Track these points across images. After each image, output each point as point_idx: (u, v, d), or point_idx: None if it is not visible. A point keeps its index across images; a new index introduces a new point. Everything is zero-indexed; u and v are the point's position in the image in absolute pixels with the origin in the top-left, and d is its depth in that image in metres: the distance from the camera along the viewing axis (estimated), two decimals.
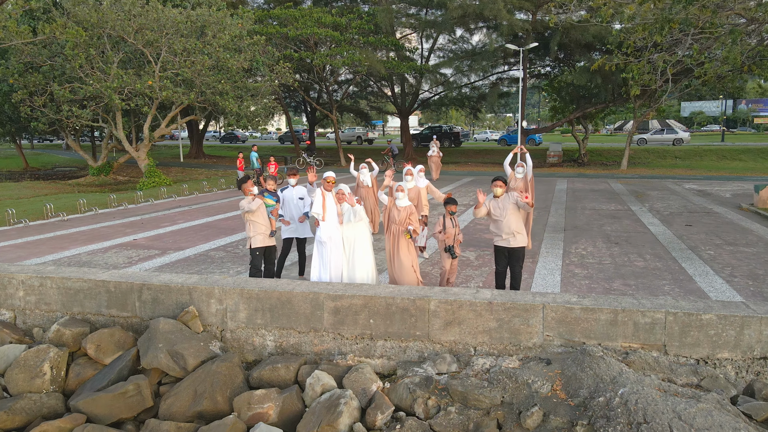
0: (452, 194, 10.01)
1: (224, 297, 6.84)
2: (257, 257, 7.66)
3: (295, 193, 8.41)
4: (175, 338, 6.53)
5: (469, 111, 42.27)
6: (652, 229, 12.35)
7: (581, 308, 5.94)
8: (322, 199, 7.38)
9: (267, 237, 7.66)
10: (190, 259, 10.10)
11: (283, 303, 6.68)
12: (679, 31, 13.63)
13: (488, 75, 35.02)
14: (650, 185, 21.37)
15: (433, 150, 23.85)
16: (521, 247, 7.33)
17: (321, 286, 6.77)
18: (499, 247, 7.45)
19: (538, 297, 6.24)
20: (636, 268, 9.06)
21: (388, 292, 6.50)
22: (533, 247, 10.74)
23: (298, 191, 8.48)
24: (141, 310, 7.15)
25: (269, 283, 6.93)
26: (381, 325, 6.46)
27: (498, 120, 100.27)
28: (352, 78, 36.34)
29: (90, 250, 10.89)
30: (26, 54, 20.45)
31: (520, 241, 7.32)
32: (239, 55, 21.12)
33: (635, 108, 27.00)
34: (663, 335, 5.80)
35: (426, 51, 36.60)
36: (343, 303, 6.52)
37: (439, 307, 6.28)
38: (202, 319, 6.96)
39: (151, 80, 19.38)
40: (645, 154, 33.98)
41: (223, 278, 7.18)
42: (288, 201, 8.31)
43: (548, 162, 31.47)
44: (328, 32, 28.15)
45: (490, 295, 6.35)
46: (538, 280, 8.51)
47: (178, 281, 7.09)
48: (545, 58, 31.99)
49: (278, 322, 6.74)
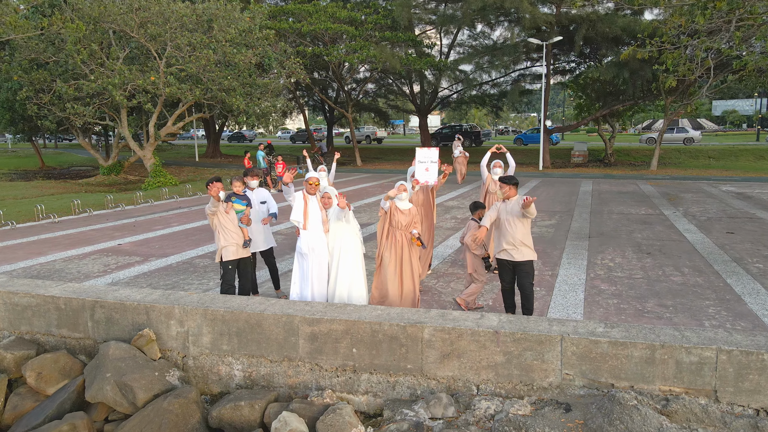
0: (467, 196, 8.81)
1: (185, 318, 5.86)
2: (230, 271, 6.65)
3: (256, 197, 7.34)
4: (126, 367, 5.57)
5: (490, 109, 40.92)
6: (689, 236, 11.05)
7: (609, 342, 4.80)
8: (304, 204, 6.35)
9: (239, 248, 6.66)
10: (171, 267, 9.18)
11: (252, 326, 5.67)
12: (719, 17, 12.29)
13: (510, 72, 33.66)
14: (683, 187, 19.89)
15: (457, 150, 21.77)
16: (528, 260, 6.22)
17: (297, 307, 5.74)
18: (502, 261, 6.37)
19: (556, 326, 5.11)
20: (673, 285, 7.84)
21: (374, 316, 5.44)
22: (553, 256, 9.57)
23: (259, 194, 7.37)
24: (94, 330, 6.22)
25: (238, 302, 5.92)
26: (366, 356, 5.40)
27: (522, 119, 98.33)
28: (369, 76, 35.36)
29: (68, 256, 10.05)
30: (30, 50, 19.90)
31: (526, 254, 6.21)
32: (247, 51, 20.24)
33: (666, 105, 25.42)
34: (713, 378, 4.63)
35: (445, 47, 35.44)
36: (321, 328, 5.48)
37: (435, 335, 5.20)
38: (162, 343, 5.99)
39: (153, 76, 18.62)
40: (676, 153, 32.26)
41: (188, 295, 6.20)
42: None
43: (573, 162, 30.02)
44: (342, 27, 27.17)
45: (497, 321, 5.25)
46: (558, 297, 7.36)
47: (135, 298, 6.13)
48: (570, 53, 30.51)
49: (247, 349, 5.73)
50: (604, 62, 27.92)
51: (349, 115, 32.95)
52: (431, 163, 7.84)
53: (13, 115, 27.58)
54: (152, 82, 18.57)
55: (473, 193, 18.61)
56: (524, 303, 6.37)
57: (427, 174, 7.86)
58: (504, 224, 6.30)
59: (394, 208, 6.51)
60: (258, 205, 7.35)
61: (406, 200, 6.56)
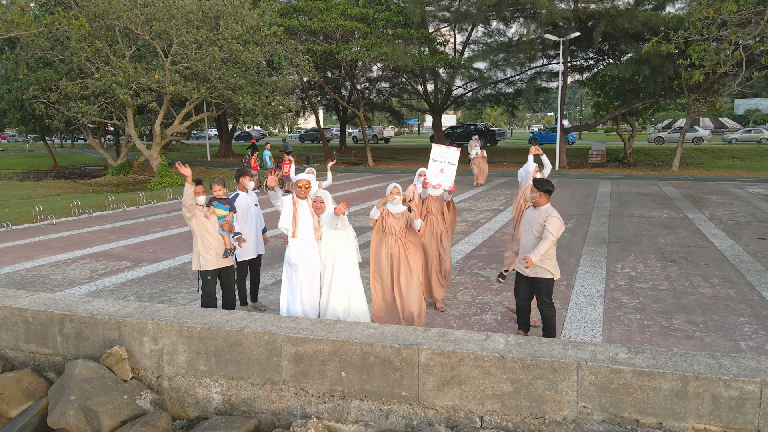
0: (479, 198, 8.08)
1: (159, 334, 5.31)
2: (209, 283, 6.09)
3: (251, 200, 6.80)
4: (92, 389, 5.04)
5: (505, 108, 40.10)
6: (717, 242, 10.29)
7: (633, 371, 4.15)
8: (293, 209, 5.76)
9: (220, 257, 6.09)
10: (162, 274, 8.67)
11: (231, 345, 5.11)
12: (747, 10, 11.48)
13: (525, 70, 32.82)
14: (707, 188, 18.99)
15: (475, 151, 20.50)
16: (546, 278, 5.56)
17: (281, 324, 5.16)
18: (519, 275, 5.74)
19: (572, 351, 4.47)
20: (702, 298, 7.13)
21: (365, 336, 4.85)
22: (569, 264, 8.89)
23: (255, 197, 6.86)
24: (63, 346, 5.70)
25: (217, 317, 5.36)
26: (356, 381, 4.81)
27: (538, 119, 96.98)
28: (381, 74, 34.78)
29: (57, 260, 9.61)
30: (37, 48, 19.63)
31: (543, 272, 5.55)
32: (255, 48, 19.76)
33: (689, 103, 24.43)
34: (757, 416, 3.96)
35: (459, 45, 34.71)
36: (307, 348, 4.90)
37: (433, 359, 4.59)
38: (135, 361, 5.45)
39: (158, 74, 18.22)
40: (698, 153, 31.20)
41: (165, 308, 5.66)
42: (243, 211, 6.69)
43: (590, 162, 29.16)
44: (354, 24, 26.62)
45: (504, 344, 4.62)
46: (574, 311, 6.69)
47: (108, 311, 5.61)
48: (588, 50, 29.58)
49: (225, 370, 5.17)
50: (624, 59, 27.00)
51: (360, 114, 32.38)
52: (448, 165, 6.67)
53: (23, 115, 27.47)
54: (157, 81, 18.16)
55: (487, 195, 17.93)
56: (544, 325, 5.71)
57: (441, 176, 6.66)
58: (528, 231, 5.66)
59: (386, 213, 5.92)
60: (253, 208, 6.81)
61: (399, 203, 5.95)
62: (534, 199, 5.60)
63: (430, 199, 6.75)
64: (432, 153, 6.75)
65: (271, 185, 5.64)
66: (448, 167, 6.68)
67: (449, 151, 6.70)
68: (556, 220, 5.43)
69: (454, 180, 6.64)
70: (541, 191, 5.52)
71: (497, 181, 22.46)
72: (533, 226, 5.54)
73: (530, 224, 5.62)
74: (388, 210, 5.94)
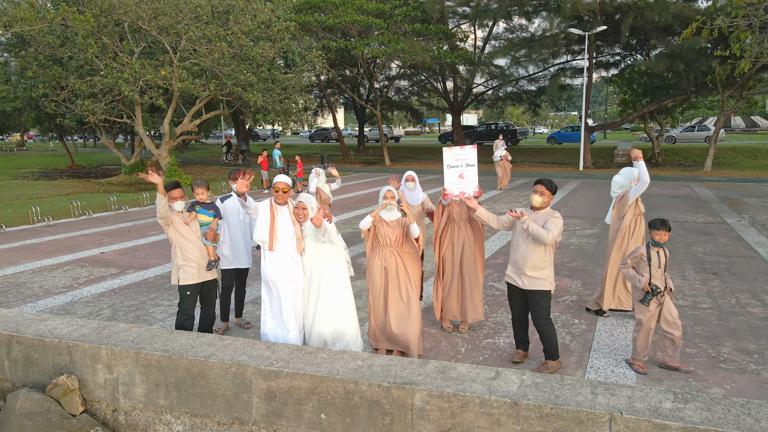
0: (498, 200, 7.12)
1: (114, 362, 4.57)
2: (188, 299, 5.33)
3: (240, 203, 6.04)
4: (33, 426, 4.32)
5: (527, 107, 38.94)
6: (762, 251, 9.23)
7: (683, 428, 3.25)
8: (270, 217, 4.96)
9: (202, 269, 5.34)
10: (147, 282, 7.97)
11: (194, 377, 4.34)
12: None
13: (548, 66, 31.66)
14: (744, 190, 17.74)
15: (499, 153, 18.76)
16: (542, 291, 4.84)
17: (255, 352, 4.37)
18: (511, 285, 5.03)
19: (602, 396, 3.58)
20: (752, 319, 6.15)
21: (349, 370, 4.03)
22: (596, 276, 7.95)
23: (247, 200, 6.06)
24: (12, 372, 5.00)
25: (181, 342, 4.59)
26: (338, 424, 3.99)
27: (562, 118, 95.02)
28: (399, 71, 33.95)
29: (40, 266, 8.98)
30: (45, 45, 19.23)
31: (539, 283, 4.83)
32: (265, 44, 19.08)
33: (723, 100, 23.10)
34: None
35: (480, 41, 33.68)
36: (281, 384, 4.10)
37: (430, 402, 3.75)
38: (87, 392, 4.71)
39: (164, 70, 17.64)
40: (731, 153, 29.69)
41: (127, 329, 4.91)
42: (230, 216, 5.88)
43: (616, 162, 27.90)
44: (370, 20, 25.85)
45: (518, 384, 3.76)
46: (603, 335, 5.78)
47: (60, 333, 4.88)
48: (614, 44, 28.34)
49: (188, 406, 4.40)
50: (652, 54, 25.77)
51: (377, 112, 31.58)
52: (467, 167, 5.62)
53: (38, 114, 27.31)
54: (163, 77, 17.59)
55: (506, 196, 16.98)
56: (544, 345, 4.98)
57: (462, 182, 5.60)
58: (518, 237, 4.91)
59: (378, 221, 5.10)
60: (241, 215, 6.04)
61: (395, 209, 5.12)
62: (544, 204, 4.90)
63: (454, 204, 5.80)
64: (445, 158, 5.69)
65: (241, 190, 4.83)
66: (468, 170, 5.63)
67: (464, 151, 5.67)
68: (560, 221, 4.79)
69: (477, 182, 5.65)
70: (548, 189, 4.88)
71: (518, 181, 21.44)
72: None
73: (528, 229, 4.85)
74: (382, 217, 5.12)
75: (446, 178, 5.65)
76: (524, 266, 4.81)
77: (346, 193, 18.18)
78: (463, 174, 5.63)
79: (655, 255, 4.88)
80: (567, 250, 9.62)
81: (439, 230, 5.86)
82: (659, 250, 4.90)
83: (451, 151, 5.69)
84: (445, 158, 5.69)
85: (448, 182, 5.63)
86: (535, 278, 4.81)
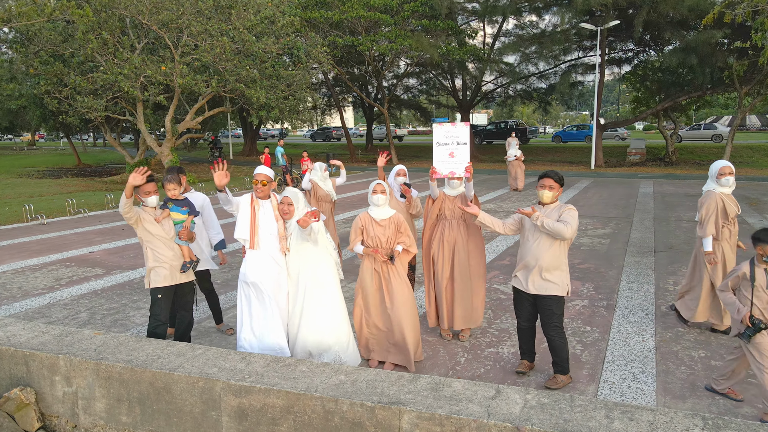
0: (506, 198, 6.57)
1: (73, 373, 4.13)
2: (160, 303, 4.88)
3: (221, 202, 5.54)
4: None
5: (537, 105, 38.26)
6: None
7: None
8: (251, 212, 4.50)
9: (176, 271, 4.88)
10: (131, 284, 7.55)
11: (158, 392, 3.89)
12: None
13: (559, 63, 30.98)
14: (763, 189, 17.06)
15: (513, 151, 17.80)
16: (555, 296, 4.32)
17: (227, 363, 3.91)
18: (518, 290, 4.49)
19: (618, 420, 3.08)
20: None
21: (330, 387, 3.55)
22: (609, 279, 7.43)
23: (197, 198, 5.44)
24: None
25: (147, 352, 4.14)
26: None
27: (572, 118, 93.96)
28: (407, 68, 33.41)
29: (24, 266, 8.60)
30: (46, 41, 18.94)
31: (552, 288, 4.32)
32: (268, 39, 18.66)
33: (740, 96, 22.36)
34: None
35: (489, 38, 33.07)
36: (253, 401, 3.64)
37: (419, 426, 3.27)
38: (46, 405, 4.28)
39: (164, 65, 17.27)
40: (748, 152, 28.86)
41: (92, 336, 4.47)
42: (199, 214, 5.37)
43: (629, 161, 27.24)
44: (377, 15, 25.37)
45: (521, 405, 3.26)
46: (617, 344, 5.26)
47: (18, 340, 4.45)
48: (627, 40, 27.62)
49: (153, 423, 3.94)
50: (666, 49, 25.04)
51: (384, 110, 31.10)
52: (458, 145, 5.14)
53: (43, 112, 27.12)
54: (163, 72, 17.22)
55: (515, 194, 16.43)
56: (554, 357, 4.46)
57: (452, 162, 5.17)
58: (528, 236, 4.40)
59: (368, 221, 4.62)
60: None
61: (386, 206, 4.65)
62: (554, 198, 4.42)
63: (447, 200, 5.31)
64: (435, 135, 5.22)
65: (220, 183, 4.37)
66: (459, 148, 5.15)
67: (456, 128, 5.17)
68: (576, 212, 4.29)
69: (469, 161, 5.15)
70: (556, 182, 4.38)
71: (527, 180, 20.86)
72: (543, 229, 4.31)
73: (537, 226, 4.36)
74: (372, 216, 4.65)
75: (435, 155, 5.21)
76: (536, 267, 4.32)
77: (349, 191, 17.73)
78: (454, 153, 5.17)
79: (761, 274, 3.97)
80: (578, 251, 9.09)
81: (427, 228, 5.37)
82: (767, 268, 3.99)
83: (441, 128, 5.23)
84: (435, 135, 5.23)
85: (437, 160, 5.20)
86: (547, 282, 4.31)
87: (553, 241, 4.29)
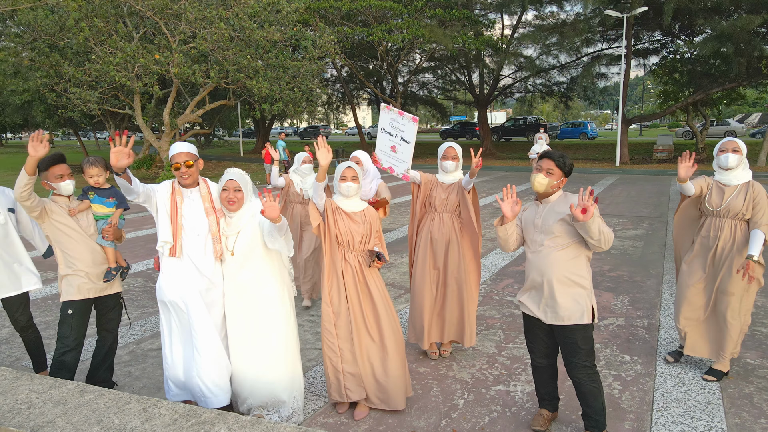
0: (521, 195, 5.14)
1: None
2: (68, 321, 3.74)
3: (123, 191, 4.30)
4: None
5: (558, 100, 36.72)
6: None
7: None
8: (171, 206, 3.35)
9: (97, 279, 3.76)
10: None
11: None
12: None
13: (581, 56, 29.43)
14: None
15: (538, 147, 16.48)
16: (579, 325, 3.06)
17: (121, 417, 2.76)
18: (530, 318, 3.26)
19: None
20: None
21: None
22: (648, 290, 6.15)
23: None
24: None
25: (23, 394, 3.01)
26: None
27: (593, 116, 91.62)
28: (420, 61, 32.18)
29: None
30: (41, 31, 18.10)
31: (574, 314, 3.05)
32: (270, 27, 17.57)
33: None
34: None
35: (507, 29, 31.69)
36: None
37: None
38: None
39: (157, 54, 16.28)
40: None
41: None
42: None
43: (655, 158, 25.66)
44: (389, 4, 24.20)
45: None
46: (667, 382, 4.00)
47: None
48: (655, 30, 26.02)
49: None
50: (696, 39, 23.45)
51: (398, 106, 29.91)
52: (402, 142, 4.36)
53: (47, 107, 26.45)
54: (157, 61, 16.22)
55: (530, 190, 15.11)
56: (584, 407, 3.19)
57: (392, 157, 4.43)
58: (533, 245, 3.20)
59: (335, 210, 3.46)
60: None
61: (357, 197, 3.48)
62: (551, 189, 3.14)
63: (439, 187, 4.21)
64: (380, 120, 4.48)
65: (119, 165, 3.21)
66: (402, 145, 4.38)
67: (403, 120, 4.32)
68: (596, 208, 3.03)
69: (410, 164, 4.34)
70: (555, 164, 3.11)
71: None
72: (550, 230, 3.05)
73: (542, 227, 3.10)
74: (338, 206, 3.47)
75: (378, 142, 4.52)
76: (546, 286, 3.09)
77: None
78: (396, 148, 4.44)
79: None
80: (607, 256, 7.81)
81: (413, 221, 4.33)
82: None
83: (388, 113, 4.43)
84: (381, 119, 4.49)
85: (379, 149, 4.53)
86: (566, 306, 3.05)
87: (572, 247, 3.05)
